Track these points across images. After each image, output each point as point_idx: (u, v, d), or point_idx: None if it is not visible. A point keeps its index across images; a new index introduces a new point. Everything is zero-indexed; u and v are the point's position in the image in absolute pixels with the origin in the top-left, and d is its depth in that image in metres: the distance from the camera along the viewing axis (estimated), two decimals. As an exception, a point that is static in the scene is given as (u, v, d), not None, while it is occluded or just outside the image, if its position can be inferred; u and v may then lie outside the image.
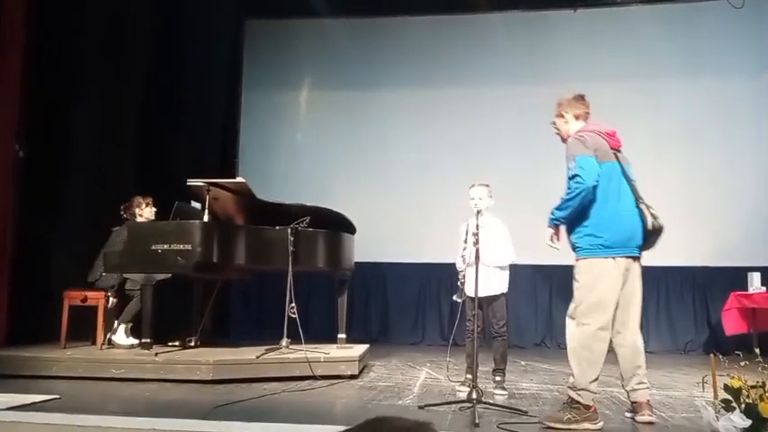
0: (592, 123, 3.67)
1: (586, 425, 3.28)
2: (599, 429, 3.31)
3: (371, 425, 0.96)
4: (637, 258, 3.57)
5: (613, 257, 3.46)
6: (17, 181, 5.66)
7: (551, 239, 3.62)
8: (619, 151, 3.60)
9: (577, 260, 3.58)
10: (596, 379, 3.40)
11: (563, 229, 3.61)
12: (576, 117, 3.69)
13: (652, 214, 3.47)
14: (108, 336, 5.18)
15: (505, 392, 4.26)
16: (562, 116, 3.72)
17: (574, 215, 3.47)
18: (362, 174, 8.25)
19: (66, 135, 6.26)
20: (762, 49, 7.83)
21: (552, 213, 3.55)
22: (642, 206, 3.48)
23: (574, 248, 3.55)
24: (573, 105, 3.70)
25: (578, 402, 3.35)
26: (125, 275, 5.20)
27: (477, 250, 3.87)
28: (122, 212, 5.55)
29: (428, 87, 8.38)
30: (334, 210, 5.47)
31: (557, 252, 3.78)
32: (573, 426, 3.26)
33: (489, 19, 8.29)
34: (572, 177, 3.41)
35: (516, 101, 8.16)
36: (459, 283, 4.20)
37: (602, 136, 3.55)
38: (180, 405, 3.79)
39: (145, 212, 5.57)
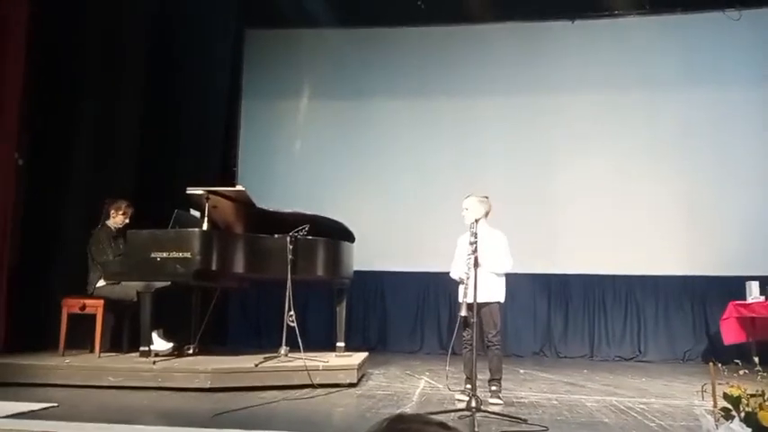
0: None
1: None
2: None
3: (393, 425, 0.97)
4: None
5: None
6: (17, 189, 5.66)
7: None
8: None
9: None
10: None
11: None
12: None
13: None
14: (147, 349, 5.01)
15: (501, 402, 4.25)
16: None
17: None
18: (362, 182, 8.27)
19: (66, 143, 6.27)
20: (759, 60, 7.87)
21: None
22: None
23: None
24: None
25: None
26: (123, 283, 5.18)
27: (476, 258, 3.87)
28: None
29: (427, 97, 8.42)
30: (333, 218, 5.48)
31: (554, 261, 3.79)
32: None
33: (488, 30, 8.34)
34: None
35: (515, 111, 8.22)
36: (462, 295, 4.16)
37: None
38: (178, 413, 3.79)
39: (116, 219, 5.51)
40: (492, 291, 4.31)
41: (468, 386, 4.11)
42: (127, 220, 5.55)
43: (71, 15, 6.31)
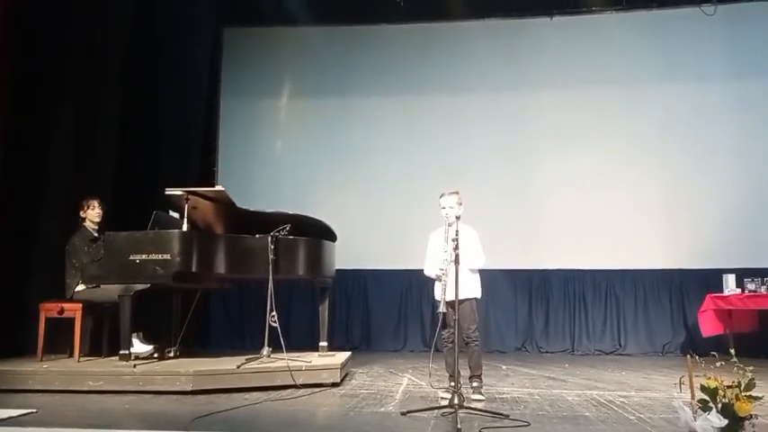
0: None
1: None
2: None
3: None
4: None
5: None
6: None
7: None
8: None
9: None
10: None
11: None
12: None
13: None
14: (127, 352, 4.89)
15: (483, 398, 4.27)
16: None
17: None
18: (343, 181, 8.26)
19: (43, 146, 6.16)
20: (734, 55, 8.00)
21: None
22: None
23: None
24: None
25: None
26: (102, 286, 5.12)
27: (458, 256, 3.88)
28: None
29: (407, 95, 8.43)
30: (315, 217, 5.46)
31: (535, 257, 3.81)
32: None
33: (467, 27, 8.38)
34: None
35: (496, 107, 8.27)
36: (440, 292, 4.18)
37: None
38: (159, 417, 3.75)
39: (89, 214, 5.45)
40: (468, 287, 4.31)
41: (452, 383, 4.13)
42: (100, 212, 5.48)
43: (50, 16, 6.21)
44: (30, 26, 5.94)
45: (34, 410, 3.78)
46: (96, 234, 5.41)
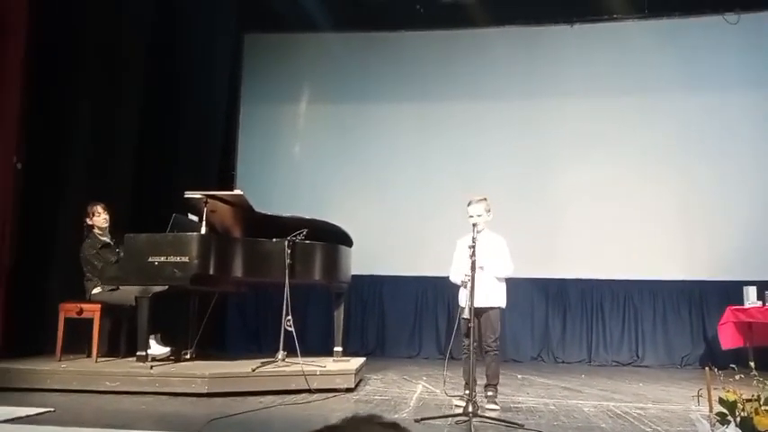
0: None
1: None
2: None
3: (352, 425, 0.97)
4: None
5: None
6: (15, 192, 5.66)
7: None
8: None
9: None
10: None
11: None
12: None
13: None
14: (144, 354, 4.96)
15: (497, 407, 4.24)
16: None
17: None
18: (360, 187, 8.28)
19: (64, 149, 6.27)
20: (757, 65, 7.90)
21: None
22: None
23: None
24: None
25: None
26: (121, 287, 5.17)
27: (474, 263, 3.88)
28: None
29: (426, 101, 8.43)
30: (332, 222, 5.48)
31: (552, 266, 3.79)
32: None
33: (488, 34, 8.36)
34: None
35: (515, 115, 8.23)
36: (464, 298, 4.14)
37: None
38: (175, 418, 3.78)
39: (95, 221, 5.45)
40: (493, 296, 4.31)
41: (467, 391, 4.11)
42: (107, 217, 5.48)
43: (70, 20, 6.32)
44: (51, 32, 6.04)
45: (52, 409, 3.83)
46: (107, 239, 5.46)
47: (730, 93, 7.93)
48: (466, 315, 4.06)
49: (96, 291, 5.24)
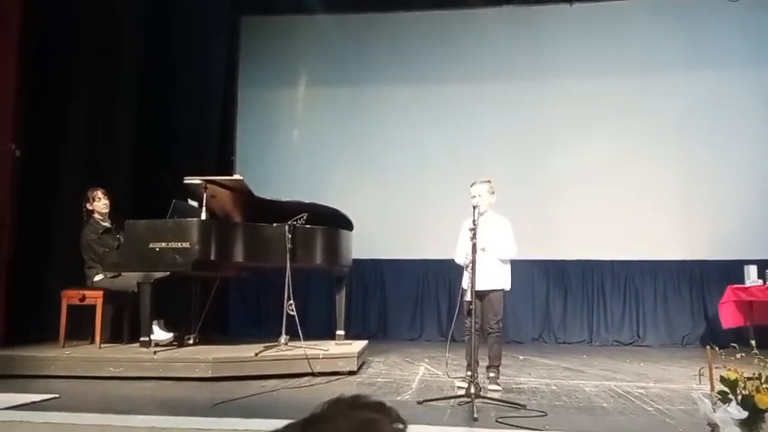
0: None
1: None
2: None
3: (334, 406, 0.97)
4: None
5: None
6: (14, 180, 5.65)
7: None
8: None
9: None
10: None
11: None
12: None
13: None
14: (148, 339, 4.99)
15: (499, 388, 4.26)
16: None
17: None
18: (360, 170, 8.26)
19: (62, 134, 6.24)
20: (757, 43, 7.84)
21: None
22: None
23: None
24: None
25: None
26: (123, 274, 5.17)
27: (474, 245, 3.88)
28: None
29: (424, 83, 8.38)
30: (332, 206, 5.47)
31: (553, 247, 3.79)
32: None
33: (485, 14, 8.29)
34: None
35: (514, 95, 8.19)
36: (467, 280, 4.15)
37: None
38: (179, 403, 3.80)
39: (96, 206, 5.42)
40: (496, 278, 4.31)
41: (469, 373, 4.13)
42: (107, 202, 5.44)
43: (65, 6, 6.26)
44: (46, 16, 5.99)
45: (56, 396, 3.85)
46: (107, 224, 5.45)
47: (731, 71, 7.89)
48: (468, 298, 4.07)
49: (98, 278, 5.24)
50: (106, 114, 6.59)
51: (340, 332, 5.59)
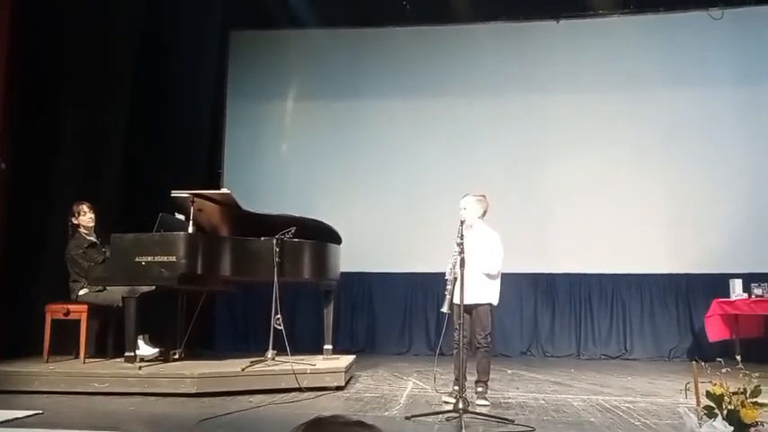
0: None
1: None
2: None
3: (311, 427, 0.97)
4: None
5: None
6: (0, 193, 5.60)
7: None
8: None
9: None
10: None
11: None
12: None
13: None
14: (133, 354, 4.92)
15: (487, 403, 4.25)
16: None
17: None
18: (348, 184, 8.26)
19: (51, 148, 6.20)
20: (741, 59, 7.96)
21: None
22: None
23: None
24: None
25: None
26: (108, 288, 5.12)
27: (462, 259, 3.88)
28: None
29: (414, 98, 8.42)
30: (320, 220, 5.47)
31: (541, 260, 3.81)
32: None
33: (474, 30, 8.36)
34: None
35: (503, 110, 8.24)
36: (446, 292, 4.18)
37: None
38: (164, 419, 3.76)
39: (81, 220, 5.39)
40: (482, 293, 4.30)
41: (456, 387, 4.12)
42: (92, 216, 5.41)
43: (56, 17, 6.24)
44: (39, 30, 5.98)
45: (40, 412, 3.80)
46: (93, 239, 5.41)
47: (716, 87, 7.99)
48: (444, 309, 4.08)
49: (83, 292, 5.20)
50: (96, 126, 6.56)
51: (328, 347, 5.56)
